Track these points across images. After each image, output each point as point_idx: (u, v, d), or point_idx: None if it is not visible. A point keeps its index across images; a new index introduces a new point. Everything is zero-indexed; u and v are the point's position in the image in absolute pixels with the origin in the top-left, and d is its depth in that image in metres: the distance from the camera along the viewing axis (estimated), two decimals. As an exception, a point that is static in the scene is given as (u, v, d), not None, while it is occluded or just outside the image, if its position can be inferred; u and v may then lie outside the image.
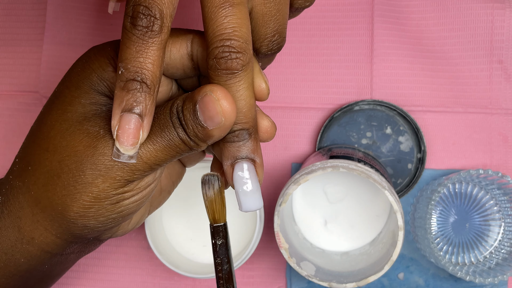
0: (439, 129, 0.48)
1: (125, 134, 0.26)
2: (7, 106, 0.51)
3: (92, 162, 0.27)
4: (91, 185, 0.27)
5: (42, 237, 0.30)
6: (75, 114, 0.29)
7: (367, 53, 0.48)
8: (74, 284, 0.50)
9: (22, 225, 0.30)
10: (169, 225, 0.47)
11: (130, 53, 0.25)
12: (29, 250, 0.31)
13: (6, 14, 0.52)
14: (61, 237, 0.30)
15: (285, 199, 0.39)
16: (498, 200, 0.46)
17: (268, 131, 0.29)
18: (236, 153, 0.28)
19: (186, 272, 0.43)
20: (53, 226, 0.29)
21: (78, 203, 0.28)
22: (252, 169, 0.28)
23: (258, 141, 0.28)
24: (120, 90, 0.26)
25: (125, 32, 0.25)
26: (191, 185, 0.47)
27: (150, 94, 0.26)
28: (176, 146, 0.27)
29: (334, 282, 0.39)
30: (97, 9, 0.51)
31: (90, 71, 0.29)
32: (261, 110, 0.30)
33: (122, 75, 0.26)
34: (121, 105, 0.26)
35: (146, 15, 0.25)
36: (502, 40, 0.47)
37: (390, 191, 0.37)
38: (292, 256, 0.40)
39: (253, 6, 0.27)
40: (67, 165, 0.28)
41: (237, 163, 0.28)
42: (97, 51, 0.30)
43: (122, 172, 0.27)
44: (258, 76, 0.28)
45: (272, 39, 0.28)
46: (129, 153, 0.26)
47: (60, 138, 0.28)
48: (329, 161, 0.39)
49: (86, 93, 0.29)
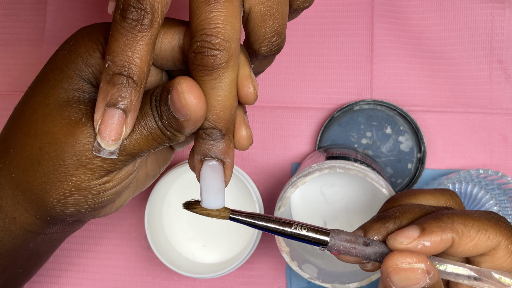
0: (439, 129, 0.48)
1: (107, 129, 0.26)
2: (7, 106, 0.51)
3: (72, 152, 0.27)
4: (72, 175, 0.27)
5: (23, 217, 0.30)
6: (57, 99, 0.28)
7: (367, 53, 0.48)
8: (74, 284, 0.50)
9: (4, 204, 0.30)
10: (169, 225, 0.47)
11: (118, 46, 0.25)
12: (11, 229, 0.31)
13: (6, 14, 0.52)
14: (40, 218, 0.30)
15: (283, 203, 0.39)
16: (498, 200, 0.46)
17: (241, 141, 0.28)
18: (206, 151, 0.27)
19: (186, 272, 0.43)
20: (32, 208, 0.29)
21: (57, 191, 0.28)
22: (219, 169, 0.27)
23: (232, 144, 0.28)
24: (105, 84, 0.25)
25: (114, 25, 0.25)
26: (191, 185, 0.47)
27: (136, 90, 0.25)
28: (155, 135, 0.27)
29: (337, 283, 0.39)
30: (97, 9, 0.51)
31: (76, 55, 0.29)
32: (243, 119, 0.29)
33: (108, 68, 0.25)
34: (105, 99, 0.25)
35: (136, 8, 0.24)
36: (502, 40, 0.47)
37: (387, 188, 0.37)
38: (294, 259, 0.40)
39: (251, 6, 0.27)
40: (47, 152, 0.27)
41: (205, 161, 0.27)
42: (85, 35, 0.29)
43: (103, 163, 0.27)
44: (247, 80, 0.27)
45: (271, 40, 0.28)
46: (110, 149, 0.26)
47: (41, 123, 0.28)
48: (326, 162, 0.39)
49: (69, 77, 0.28)
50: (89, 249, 0.50)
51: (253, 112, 0.49)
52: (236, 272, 0.48)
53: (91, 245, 0.50)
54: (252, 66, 0.29)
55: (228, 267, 0.43)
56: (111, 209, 0.33)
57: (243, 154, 0.49)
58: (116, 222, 0.50)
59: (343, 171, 0.38)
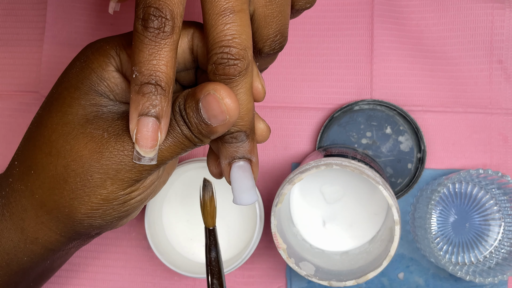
0: (439, 129, 0.48)
1: (144, 137, 0.26)
2: (7, 106, 0.51)
3: (99, 166, 0.28)
4: (100, 188, 0.28)
5: (46, 237, 0.30)
6: (76, 117, 0.29)
7: (367, 53, 0.48)
8: (74, 284, 0.50)
9: (26, 226, 0.30)
10: (169, 225, 0.47)
11: (143, 56, 0.25)
12: (32, 249, 0.31)
13: (6, 14, 0.52)
14: (65, 236, 0.31)
15: (280, 199, 0.39)
16: (498, 200, 0.46)
17: (263, 134, 0.31)
18: (234, 154, 0.28)
19: (186, 272, 0.43)
20: (58, 227, 0.30)
21: (86, 205, 0.28)
22: (248, 168, 0.29)
23: (255, 142, 0.29)
24: (135, 94, 0.26)
25: (137, 35, 0.25)
26: (191, 185, 0.47)
27: (165, 96, 0.26)
28: (180, 143, 0.28)
29: (333, 281, 0.39)
30: (97, 9, 0.51)
31: (89, 71, 0.29)
32: (257, 113, 0.30)
33: (136, 79, 0.26)
34: (137, 109, 0.26)
35: (157, 16, 0.25)
36: (502, 40, 0.47)
37: (384, 186, 0.37)
38: (291, 257, 0.40)
39: (255, 9, 0.27)
40: (73, 170, 0.28)
41: (235, 162, 0.29)
42: (95, 50, 0.30)
43: (130, 174, 0.28)
44: (256, 79, 0.29)
45: (274, 39, 0.29)
46: (150, 156, 0.27)
47: (63, 142, 0.28)
48: (323, 159, 0.39)
49: (85, 94, 0.29)
50: (89, 249, 0.50)
51: (253, 112, 0.49)
52: (236, 272, 0.48)
53: (91, 245, 0.50)
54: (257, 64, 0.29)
55: (228, 267, 0.43)
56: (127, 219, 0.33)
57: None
58: (116, 222, 0.50)
59: (339, 167, 0.38)
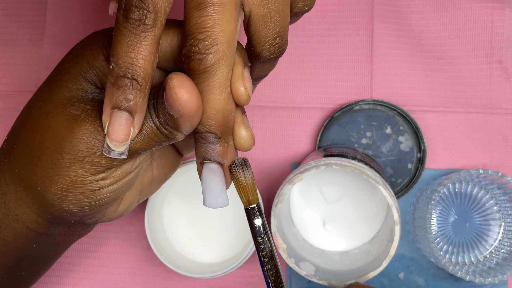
0: (439, 129, 0.48)
1: (115, 131, 0.26)
2: (7, 106, 0.51)
3: (70, 146, 0.27)
4: (69, 169, 0.27)
5: (25, 215, 0.30)
6: (61, 97, 0.29)
7: (367, 53, 0.48)
8: (74, 284, 0.50)
9: (7, 201, 0.30)
10: (169, 225, 0.47)
11: (122, 48, 0.25)
12: (14, 226, 0.31)
13: (6, 14, 0.52)
14: (42, 216, 0.30)
15: (280, 199, 0.39)
16: (498, 200, 0.46)
17: (242, 142, 0.28)
18: (204, 154, 0.28)
19: (186, 272, 0.43)
20: (34, 205, 0.30)
21: (55, 186, 0.28)
22: (219, 171, 0.28)
23: (230, 146, 0.28)
24: (111, 86, 0.25)
25: (117, 26, 0.25)
26: (191, 185, 0.47)
27: (140, 91, 0.25)
28: (153, 134, 0.27)
29: (333, 281, 0.39)
30: (97, 9, 0.51)
31: (82, 57, 0.29)
32: (241, 119, 0.28)
33: (113, 71, 0.25)
34: (111, 102, 0.25)
35: (138, 8, 0.24)
36: (502, 40, 0.47)
37: (384, 186, 0.37)
38: (291, 256, 0.40)
39: (251, 9, 0.27)
40: (47, 147, 0.28)
41: (205, 164, 0.28)
42: (92, 38, 0.30)
43: (100, 159, 0.27)
44: (238, 80, 0.27)
45: (273, 42, 0.27)
46: (119, 150, 0.26)
47: (44, 119, 0.28)
48: (323, 159, 0.39)
49: (74, 78, 0.29)
50: (89, 249, 0.50)
51: (253, 112, 0.49)
52: (236, 272, 0.48)
53: (91, 245, 0.50)
54: (249, 65, 0.28)
55: (228, 267, 0.43)
56: (115, 213, 0.33)
57: (243, 154, 0.49)
58: (116, 222, 0.50)
59: (339, 167, 0.38)
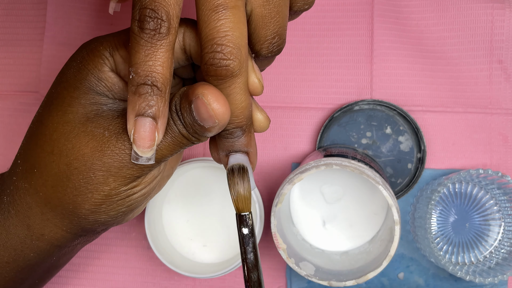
0: (439, 129, 0.48)
1: (141, 137, 0.27)
2: (7, 106, 0.51)
3: (101, 164, 0.28)
4: (103, 185, 0.28)
5: (52, 233, 0.31)
6: (77, 115, 0.29)
7: (367, 53, 0.48)
8: (74, 284, 0.50)
9: (31, 223, 0.31)
10: (169, 225, 0.47)
11: (140, 57, 0.26)
12: (38, 245, 0.32)
13: (6, 14, 0.52)
14: (71, 232, 0.31)
15: (280, 199, 0.39)
16: (498, 200, 0.46)
17: (261, 125, 0.30)
18: (230, 147, 0.29)
19: (186, 272, 0.43)
20: (63, 223, 0.30)
21: (89, 202, 0.29)
22: (245, 159, 0.29)
23: (252, 135, 0.29)
24: (132, 95, 0.26)
25: (133, 37, 0.26)
26: (191, 185, 0.47)
27: (161, 96, 0.26)
28: (178, 141, 0.28)
29: (333, 281, 0.39)
30: (97, 9, 0.51)
31: (86, 72, 0.30)
32: (256, 103, 0.30)
33: (133, 80, 0.26)
34: (134, 109, 0.26)
35: (153, 18, 0.25)
36: (502, 40, 0.47)
37: (384, 186, 0.37)
38: (291, 257, 0.40)
39: (253, 9, 0.27)
40: (76, 168, 0.28)
41: (231, 155, 0.29)
42: (90, 51, 0.30)
43: (131, 170, 0.28)
44: (251, 74, 0.28)
45: (272, 41, 0.28)
46: (147, 155, 0.27)
47: (65, 140, 0.29)
48: (323, 160, 0.39)
49: (85, 93, 0.29)
50: (89, 249, 0.50)
51: (253, 112, 0.49)
52: (236, 272, 0.48)
53: (91, 245, 0.50)
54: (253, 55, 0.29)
55: (228, 267, 0.43)
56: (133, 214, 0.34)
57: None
58: (116, 222, 0.50)
59: (339, 167, 0.38)
